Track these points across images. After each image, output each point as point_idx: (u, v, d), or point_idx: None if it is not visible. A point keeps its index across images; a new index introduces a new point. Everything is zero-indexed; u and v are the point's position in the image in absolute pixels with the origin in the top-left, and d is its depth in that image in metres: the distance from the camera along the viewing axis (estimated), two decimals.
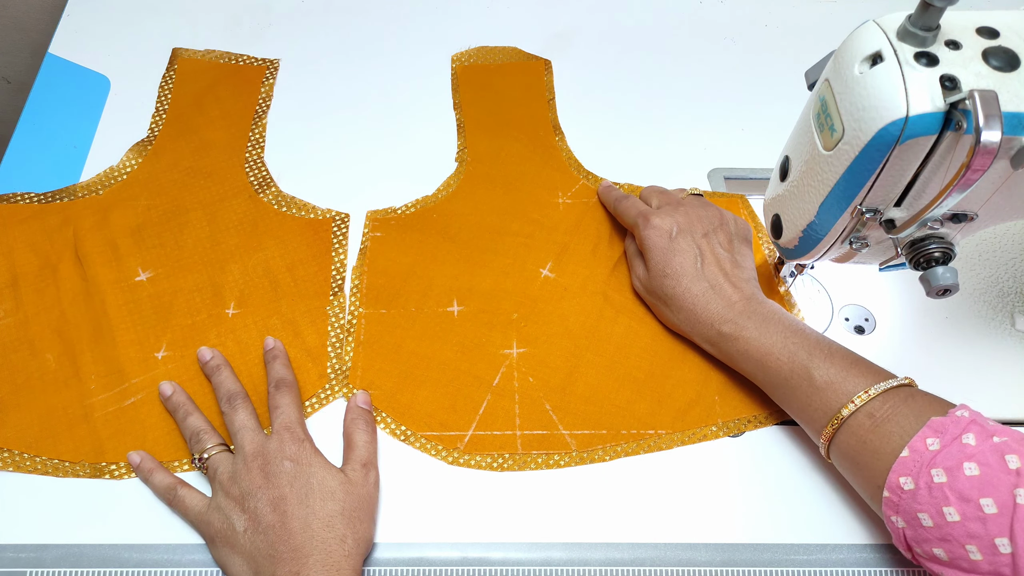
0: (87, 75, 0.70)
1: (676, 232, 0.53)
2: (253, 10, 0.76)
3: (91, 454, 0.50)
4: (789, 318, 0.50)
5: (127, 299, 0.56)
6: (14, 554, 0.47)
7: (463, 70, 0.72)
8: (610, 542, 0.48)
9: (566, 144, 0.67)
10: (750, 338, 0.49)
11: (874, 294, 0.59)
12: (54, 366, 0.53)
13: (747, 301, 0.51)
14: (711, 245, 0.53)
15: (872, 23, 0.40)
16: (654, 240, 0.53)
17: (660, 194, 0.58)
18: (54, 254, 0.58)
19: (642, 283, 0.55)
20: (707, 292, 0.51)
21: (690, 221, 0.54)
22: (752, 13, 0.78)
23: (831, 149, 0.42)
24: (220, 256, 0.59)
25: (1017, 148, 0.38)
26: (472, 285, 0.58)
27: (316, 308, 0.57)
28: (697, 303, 0.51)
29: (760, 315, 0.50)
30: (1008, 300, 0.58)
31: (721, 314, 0.50)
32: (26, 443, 0.50)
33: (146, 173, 0.63)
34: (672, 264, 0.52)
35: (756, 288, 0.53)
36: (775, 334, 0.48)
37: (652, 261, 0.53)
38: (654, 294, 0.54)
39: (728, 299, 0.51)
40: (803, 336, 0.48)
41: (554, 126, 0.68)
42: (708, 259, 0.53)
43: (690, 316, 0.52)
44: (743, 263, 0.54)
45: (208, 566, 0.47)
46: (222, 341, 0.55)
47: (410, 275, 0.59)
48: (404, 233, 0.61)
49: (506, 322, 0.56)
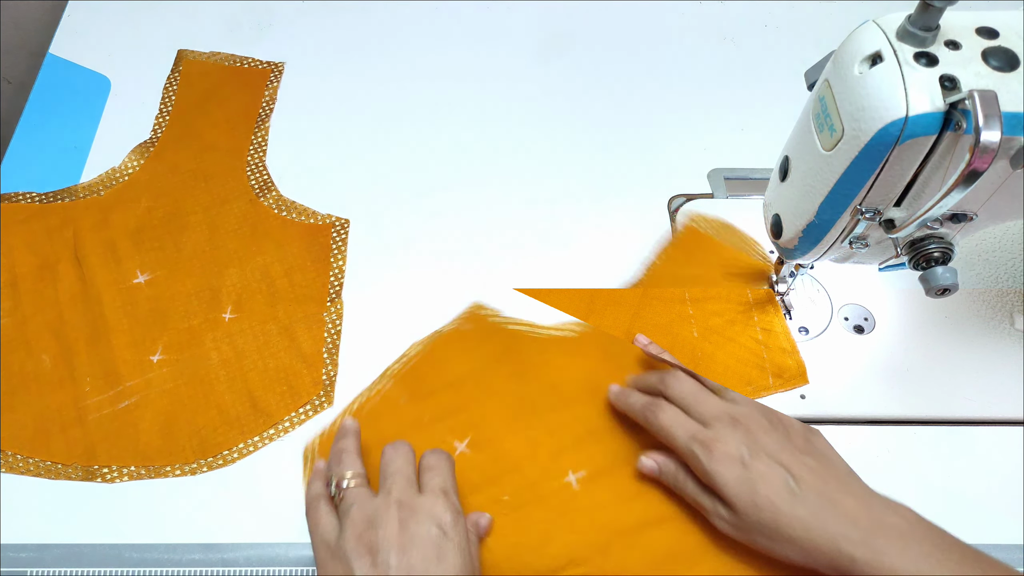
0: (87, 75, 0.70)
1: (749, 455, 0.44)
2: (254, 11, 0.76)
3: (83, 456, 0.50)
4: (926, 525, 0.42)
5: (124, 301, 0.56)
6: (14, 554, 0.47)
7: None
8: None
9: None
10: (894, 565, 0.39)
11: (874, 294, 0.59)
12: (50, 367, 0.53)
13: (869, 510, 0.42)
14: (791, 456, 0.44)
15: (872, 23, 0.40)
16: (726, 476, 0.43)
17: (694, 396, 0.47)
18: (53, 255, 0.58)
19: (730, 523, 0.44)
20: (816, 513, 0.42)
21: (754, 435, 0.45)
22: (752, 13, 0.78)
23: (831, 149, 0.42)
24: (219, 260, 0.59)
25: (1017, 148, 0.38)
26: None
27: (313, 314, 0.57)
28: (810, 528, 0.41)
29: (894, 529, 0.41)
30: (1008, 300, 0.58)
31: (845, 535, 0.41)
32: (19, 444, 0.50)
33: (148, 175, 0.63)
34: (760, 494, 0.43)
35: (867, 487, 0.44)
36: (923, 558, 0.40)
37: (733, 498, 0.43)
38: (752, 532, 0.43)
39: (844, 513, 0.42)
40: (958, 555, 0.40)
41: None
42: (797, 471, 0.43)
43: (805, 545, 0.42)
44: (833, 459, 0.45)
45: (208, 566, 0.47)
46: (218, 346, 0.55)
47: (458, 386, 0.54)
48: (465, 353, 0.55)
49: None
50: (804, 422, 0.52)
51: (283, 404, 0.53)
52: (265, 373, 0.54)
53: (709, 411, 0.46)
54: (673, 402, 0.48)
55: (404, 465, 0.44)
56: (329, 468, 0.46)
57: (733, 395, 0.48)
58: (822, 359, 0.55)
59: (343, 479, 0.44)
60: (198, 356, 0.54)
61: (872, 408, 0.53)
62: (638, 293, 0.58)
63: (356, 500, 0.42)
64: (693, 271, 0.59)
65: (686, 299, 0.58)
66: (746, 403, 0.47)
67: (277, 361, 0.54)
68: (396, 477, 0.43)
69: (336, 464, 0.45)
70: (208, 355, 0.54)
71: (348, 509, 0.42)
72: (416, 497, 0.42)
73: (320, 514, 0.43)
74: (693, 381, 0.48)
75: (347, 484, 0.43)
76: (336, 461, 0.45)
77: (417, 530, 0.41)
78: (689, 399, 0.47)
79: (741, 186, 0.65)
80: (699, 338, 0.56)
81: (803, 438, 0.46)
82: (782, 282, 0.58)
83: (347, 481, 0.44)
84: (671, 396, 0.48)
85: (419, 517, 0.41)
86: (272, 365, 0.54)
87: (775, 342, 0.56)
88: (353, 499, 0.42)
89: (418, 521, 0.41)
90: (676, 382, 0.48)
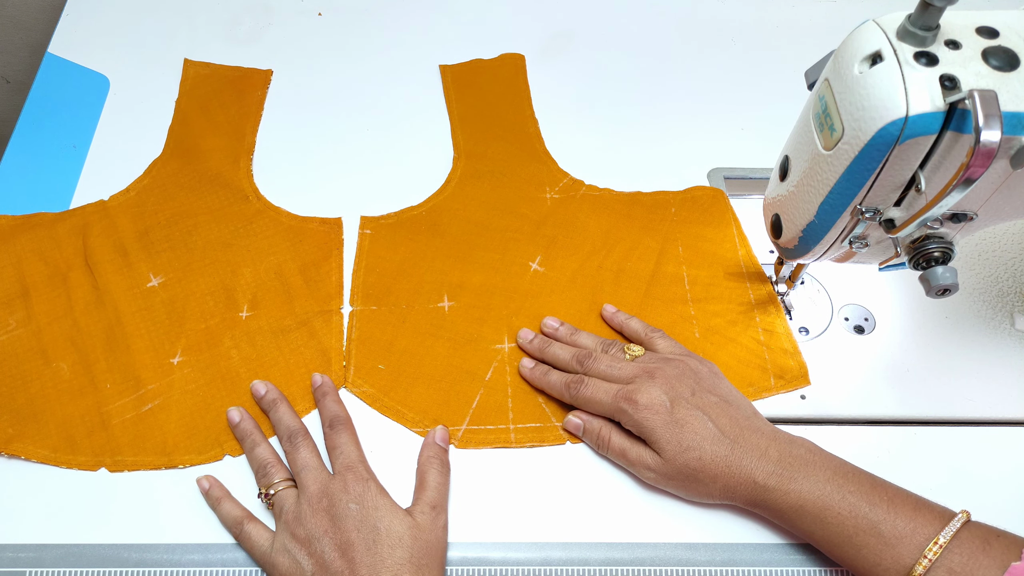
0: (87, 75, 0.70)
1: (670, 403, 0.48)
2: (252, 10, 0.76)
3: (111, 461, 0.50)
4: (826, 455, 0.46)
5: (140, 306, 0.56)
6: (14, 554, 0.47)
7: (446, 69, 0.72)
8: (610, 542, 0.48)
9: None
10: (801, 490, 0.44)
11: (874, 294, 0.59)
12: (69, 375, 0.53)
13: (776, 442, 0.47)
14: (705, 399, 0.48)
15: (872, 23, 0.40)
16: (654, 421, 0.47)
17: (610, 366, 0.51)
18: (64, 262, 0.58)
19: (656, 470, 0.48)
20: (733, 449, 0.46)
21: (671, 384, 0.49)
22: (752, 13, 0.78)
23: (831, 149, 0.42)
24: (231, 259, 0.59)
25: (1017, 148, 0.37)
26: (463, 281, 0.58)
27: (330, 309, 0.57)
28: (730, 464, 0.46)
29: (799, 459, 0.45)
30: (1008, 300, 0.58)
31: (759, 467, 0.45)
32: (45, 453, 0.50)
33: (151, 178, 0.63)
34: (686, 436, 0.47)
35: (769, 423, 0.49)
36: (826, 482, 0.44)
37: (662, 442, 0.47)
38: (678, 475, 0.47)
39: (756, 448, 0.46)
40: (855, 480, 0.44)
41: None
42: (713, 414, 0.48)
43: (727, 481, 0.46)
44: (737, 400, 0.50)
45: (208, 566, 0.47)
46: (237, 344, 0.55)
47: (400, 272, 0.59)
48: (394, 231, 0.61)
49: (497, 317, 0.57)
50: (804, 422, 0.53)
51: (308, 397, 0.53)
52: (287, 368, 0.54)
53: (626, 373, 0.50)
54: (592, 375, 0.51)
55: (309, 457, 0.48)
56: (258, 477, 0.49)
57: (652, 333, 0.54)
58: (822, 359, 0.55)
59: (270, 487, 0.47)
60: (218, 356, 0.54)
61: (872, 408, 0.53)
62: (640, 293, 0.58)
63: (285, 501, 0.47)
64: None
65: (687, 299, 0.58)
66: (657, 357, 0.51)
67: (298, 356, 0.55)
68: (306, 471, 0.47)
69: (262, 476, 0.48)
70: (228, 354, 0.54)
71: (281, 512, 0.46)
72: (329, 483, 0.46)
73: (250, 534, 0.46)
74: (608, 357, 0.52)
75: (274, 491, 0.47)
76: (261, 474, 0.48)
77: (339, 512, 0.45)
78: (607, 370, 0.51)
79: (741, 186, 0.65)
80: (700, 338, 0.56)
81: (710, 381, 0.50)
82: (782, 282, 0.58)
83: (273, 488, 0.47)
84: (591, 373, 0.51)
85: (337, 501, 0.45)
86: (293, 360, 0.54)
87: (777, 343, 0.56)
88: (282, 501, 0.47)
89: (337, 504, 0.45)
90: (592, 361, 0.52)
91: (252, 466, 0.49)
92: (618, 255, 0.60)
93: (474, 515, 0.49)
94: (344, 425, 0.50)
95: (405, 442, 0.51)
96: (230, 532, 0.47)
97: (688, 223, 0.62)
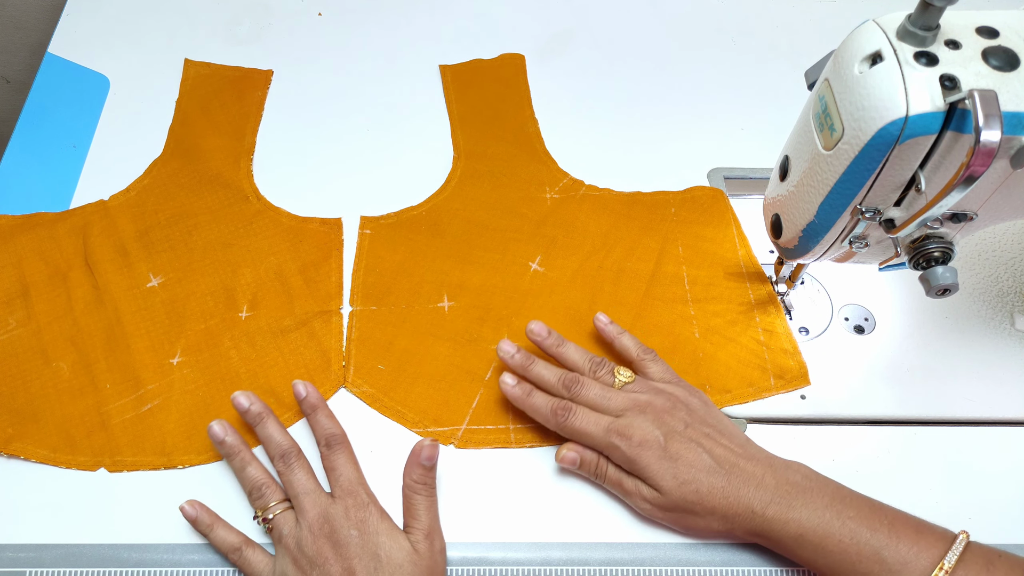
0: (87, 75, 0.70)
1: (664, 438, 0.47)
2: (252, 10, 0.76)
3: (110, 461, 0.50)
4: (823, 480, 0.46)
5: (140, 306, 0.56)
6: (14, 554, 0.47)
7: (446, 69, 0.72)
8: (610, 542, 0.48)
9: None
10: (800, 519, 0.44)
11: (874, 294, 0.59)
12: (68, 375, 0.53)
13: (772, 470, 0.46)
14: (698, 431, 0.48)
15: (872, 23, 0.40)
16: (648, 457, 0.46)
17: (601, 396, 0.49)
18: (63, 262, 0.58)
19: (652, 502, 0.47)
20: (730, 480, 0.45)
21: (662, 419, 0.48)
22: (752, 13, 0.78)
23: (831, 149, 0.42)
24: (231, 259, 0.59)
25: (1017, 148, 0.37)
26: (462, 281, 0.58)
27: (330, 309, 0.57)
28: (728, 495, 0.45)
29: (796, 486, 0.45)
30: (1008, 300, 0.58)
31: (756, 496, 0.45)
32: (44, 453, 0.50)
33: (151, 178, 0.63)
34: (681, 471, 0.46)
35: (763, 450, 0.48)
36: (824, 508, 0.44)
37: (657, 477, 0.46)
38: (675, 508, 0.46)
39: (752, 477, 0.46)
40: (854, 505, 0.44)
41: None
42: (708, 445, 0.47)
43: (725, 512, 0.45)
44: (729, 429, 0.49)
45: (208, 566, 0.47)
46: (236, 344, 0.55)
47: (400, 272, 0.59)
48: (394, 231, 0.61)
49: (497, 317, 0.57)
50: (804, 422, 0.53)
51: None
52: (287, 369, 0.54)
53: (616, 405, 0.49)
54: (580, 403, 0.49)
55: (306, 480, 0.47)
56: (253, 498, 0.48)
57: (644, 355, 0.52)
58: (822, 359, 0.55)
59: (267, 511, 0.47)
60: (218, 356, 0.54)
61: (872, 408, 0.53)
62: (640, 293, 0.58)
63: (284, 525, 0.46)
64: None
65: (687, 299, 0.58)
66: (645, 388, 0.50)
67: (298, 356, 0.55)
68: (304, 496, 0.46)
69: (256, 498, 0.47)
70: (228, 354, 0.54)
71: (280, 537, 0.46)
72: (329, 507, 0.46)
73: (248, 560, 0.46)
74: (598, 385, 0.50)
75: (272, 515, 0.46)
76: (256, 495, 0.47)
77: (340, 539, 0.44)
78: (596, 400, 0.49)
79: (741, 186, 0.65)
80: (700, 338, 0.56)
81: (702, 412, 0.49)
82: (782, 282, 0.58)
83: (271, 512, 0.46)
84: (578, 400, 0.49)
85: (338, 528, 0.45)
86: (293, 361, 0.54)
87: (777, 343, 0.56)
88: (281, 525, 0.46)
89: (339, 531, 0.45)
90: (582, 388, 0.49)
91: (244, 487, 0.48)
92: (618, 255, 0.60)
93: (474, 515, 0.49)
94: (341, 445, 0.49)
95: (405, 442, 0.51)
96: (227, 559, 0.47)
97: (688, 223, 0.62)
